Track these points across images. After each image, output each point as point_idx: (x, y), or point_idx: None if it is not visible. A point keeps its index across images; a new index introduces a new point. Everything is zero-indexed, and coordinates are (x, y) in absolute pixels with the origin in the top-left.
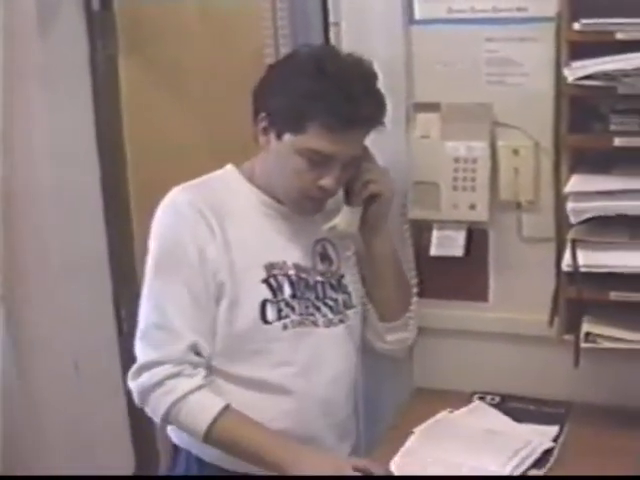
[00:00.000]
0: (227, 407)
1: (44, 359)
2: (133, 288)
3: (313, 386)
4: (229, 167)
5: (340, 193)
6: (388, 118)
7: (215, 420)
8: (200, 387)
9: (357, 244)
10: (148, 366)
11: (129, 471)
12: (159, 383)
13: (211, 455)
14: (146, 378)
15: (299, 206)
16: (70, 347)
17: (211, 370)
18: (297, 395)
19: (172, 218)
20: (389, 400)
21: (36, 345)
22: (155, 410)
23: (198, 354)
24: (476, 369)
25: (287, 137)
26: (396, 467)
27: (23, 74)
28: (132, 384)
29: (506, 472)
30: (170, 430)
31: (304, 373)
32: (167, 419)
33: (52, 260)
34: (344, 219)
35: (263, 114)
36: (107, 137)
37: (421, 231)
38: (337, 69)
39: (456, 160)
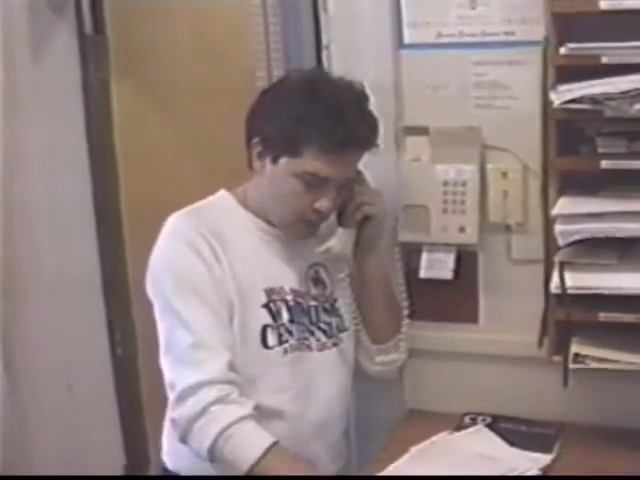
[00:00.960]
0: (275, 444)
1: (38, 381)
2: (126, 309)
3: (308, 410)
4: (222, 192)
5: (332, 217)
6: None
7: (260, 458)
8: (248, 417)
9: (350, 266)
10: (192, 390)
11: None
12: (204, 410)
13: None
14: (190, 405)
15: (293, 230)
16: (64, 369)
17: None
18: (292, 419)
19: (177, 245)
20: (381, 422)
21: (30, 367)
22: (201, 442)
23: (238, 378)
24: (467, 390)
25: (283, 161)
26: None
27: (16, 97)
28: (175, 414)
29: None
30: (165, 455)
31: (299, 397)
32: (213, 451)
33: (45, 282)
34: (338, 241)
35: (257, 139)
36: (100, 159)
37: (411, 254)
38: (329, 92)
39: (445, 183)
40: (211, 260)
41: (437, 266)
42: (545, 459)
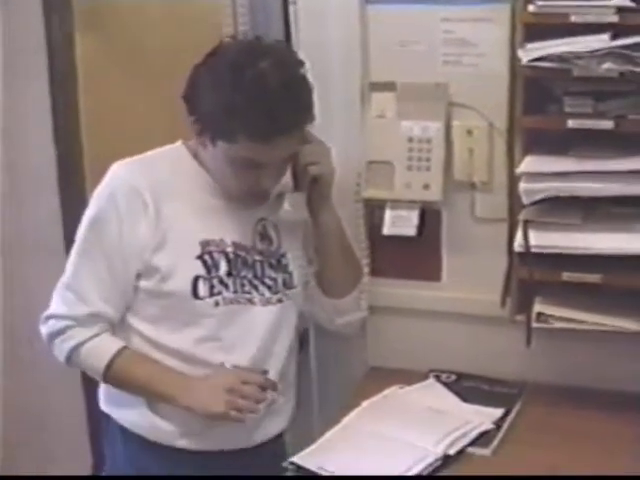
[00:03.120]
0: (124, 348)
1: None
2: None
3: (239, 362)
4: (177, 143)
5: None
6: (343, 97)
7: (111, 361)
8: (97, 335)
9: (305, 227)
10: (53, 316)
11: (84, 443)
12: (60, 331)
13: (131, 423)
14: (51, 325)
15: (242, 201)
16: (26, 325)
17: (126, 332)
18: (216, 369)
19: (105, 193)
20: (343, 380)
21: None
22: (58, 355)
23: (101, 318)
24: (430, 348)
25: (220, 144)
26: (331, 436)
27: None
28: (42, 328)
29: (439, 450)
30: (100, 396)
31: (229, 348)
32: (70, 363)
33: (6, 240)
34: (289, 207)
35: (193, 118)
36: (63, 115)
37: (374, 210)
38: (255, 78)
39: (410, 140)
40: (136, 214)
41: (400, 223)
42: (497, 413)
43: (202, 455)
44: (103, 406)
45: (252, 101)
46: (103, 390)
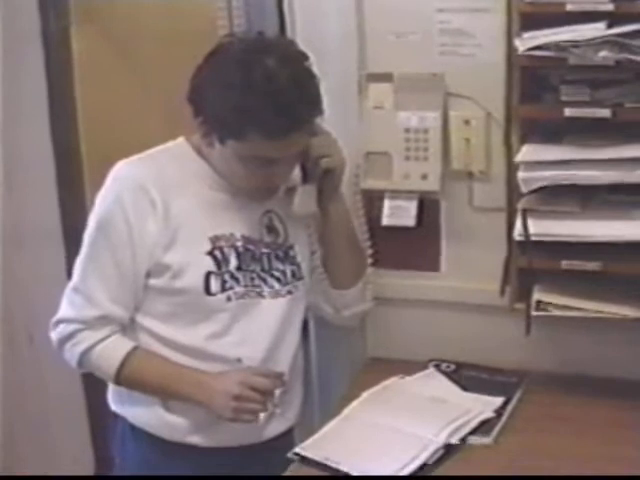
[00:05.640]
0: (134, 349)
1: None
2: None
3: (251, 355)
4: (180, 140)
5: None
6: (341, 88)
7: (122, 363)
8: (107, 337)
9: (315, 219)
10: (63, 320)
11: (84, 438)
12: (70, 335)
13: (141, 421)
14: (60, 329)
15: (251, 195)
16: (25, 320)
17: (135, 331)
18: (231, 364)
19: (111, 193)
20: (342, 370)
21: None
22: (70, 360)
23: (110, 320)
24: (429, 338)
25: (230, 142)
26: (333, 427)
27: None
28: (51, 334)
29: (441, 439)
30: (109, 396)
31: (243, 343)
32: (81, 367)
33: (4, 232)
34: (301, 201)
35: (200, 119)
36: (60, 108)
37: (373, 201)
38: (264, 77)
39: (408, 130)
40: (144, 212)
41: (399, 213)
42: (497, 402)
43: (213, 452)
44: (113, 406)
45: (264, 100)
46: (112, 390)
